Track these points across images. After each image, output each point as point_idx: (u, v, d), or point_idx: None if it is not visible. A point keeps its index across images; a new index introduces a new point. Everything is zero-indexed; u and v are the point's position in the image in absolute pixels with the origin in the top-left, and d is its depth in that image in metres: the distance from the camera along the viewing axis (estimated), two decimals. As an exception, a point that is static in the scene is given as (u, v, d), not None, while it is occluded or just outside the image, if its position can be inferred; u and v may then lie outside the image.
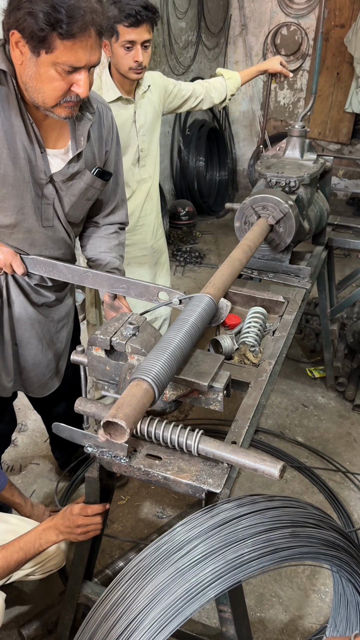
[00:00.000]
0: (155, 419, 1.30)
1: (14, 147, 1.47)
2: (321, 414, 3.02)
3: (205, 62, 6.15)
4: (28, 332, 1.85)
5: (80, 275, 1.70)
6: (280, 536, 1.18)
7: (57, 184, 1.60)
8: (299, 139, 2.30)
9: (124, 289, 1.68)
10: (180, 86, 2.55)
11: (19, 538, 1.51)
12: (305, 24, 6.13)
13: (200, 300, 1.46)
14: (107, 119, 1.69)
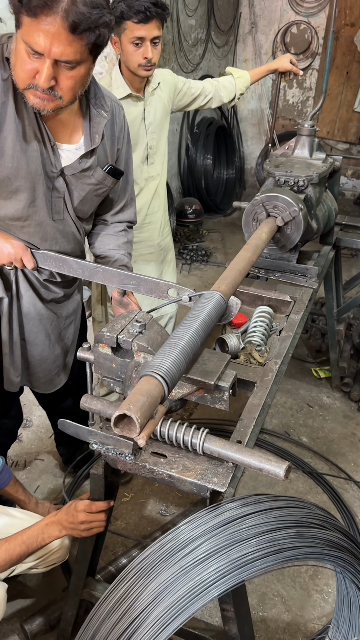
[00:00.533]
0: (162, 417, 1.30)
1: (25, 139, 1.48)
2: (326, 414, 3.01)
3: (215, 59, 6.14)
4: (36, 328, 1.85)
5: (90, 270, 1.70)
6: (284, 536, 1.18)
7: (67, 177, 1.60)
8: (308, 138, 2.29)
9: (133, 285, 1.68)
10: (190, 84, 2.55)
11: (22, 532, 1.52)
12: (315, 23, 6.10)
13: (211, 298, 1.45)
14: (120, 117, 1.70)
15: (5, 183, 1.51)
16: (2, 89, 1.41)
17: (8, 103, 1.42)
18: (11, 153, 1.46)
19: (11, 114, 1.43)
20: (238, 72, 2.68)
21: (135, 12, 2.02)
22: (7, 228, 1.63)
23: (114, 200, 1.83)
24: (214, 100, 2.65)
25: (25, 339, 1.87)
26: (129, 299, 1.80)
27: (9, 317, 1.79)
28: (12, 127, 1.44)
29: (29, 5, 1.21)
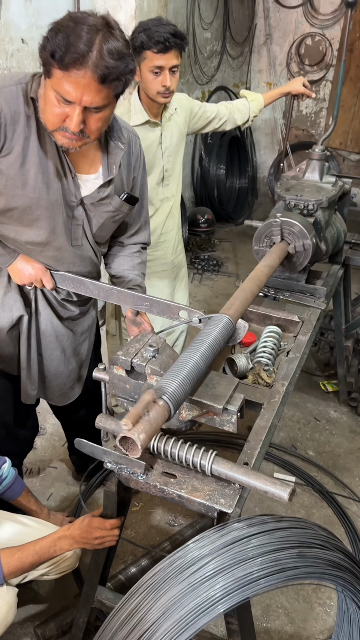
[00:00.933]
0: (172, 437, 1.37)
1: (47, 171, 1.56)
2: (333, 429, 3.07)
3: (229, 71, 6.21)
4: (52, 344, 1.94)
5: (106, 292, 1.79)
6: (287, 556, 1.25)
7: (86, 206, 1.69)
8: (318, 162, 2.35)
9: (146, 306, 1.76)
10: (205, 107, 2.63)
11: (35, 542, 1.58)
12: (330, 35, 6.16)
13: (219, 321, 1.53)
14: (136, 147, 1.78)
15: (27, 212, 1.59)
16: (26, 124, 1.50)
17: (31, 137, 1.51)
18: (33, 184, 1.54)
19: (34, 147, 1.51)
20: (252, 95, 2.75)
21: (155, 42, 2.10)
22: (28, 252, 1.71)
23: (130, 224, 1.91)
24: (228, 123, 2.72)
25: (42, 354, 1.95)
26: (142, 319, 1.88)
27: (28, 333, 1.88)
28: (35, 160, 1.52)
29: (61, 60, 1.30)
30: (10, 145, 1.49)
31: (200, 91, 5.56)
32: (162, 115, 2.39)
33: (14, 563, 1.50)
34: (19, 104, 1.48)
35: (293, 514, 2.50)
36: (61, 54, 1.30)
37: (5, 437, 2.11)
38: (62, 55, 1.30)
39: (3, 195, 1.56)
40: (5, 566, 1.48)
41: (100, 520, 1.55)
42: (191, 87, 5.31)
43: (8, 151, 1.50)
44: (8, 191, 1.55)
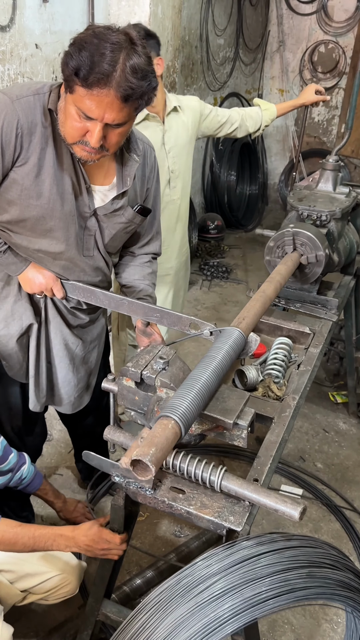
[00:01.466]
0: (181, 452, 1.35)
1: (62, 183, 1.56)
2: (342, 441, 3.03)
3: (242, 77, 6.21)
4: (61, 352, 1.93)
5: (116, 302, 1.78)
6: (296, 576, 1.22)
7: (99, 217, 1.68)
8: (332, 172, 2.33)
9: (157, 317, 1.74)
10: (217, 112, 2.62)
11: (37, 527, 1.55)
12: (343, 42, 6.14)
13: (230, 335, 1.51)
14: (151, 159, 1.77)
15: (40, 222, 1.58)
16: (43, 135, 1.49)
17: (47, 149, 1.50)
18: (48, 195, 1.54)
19: (50, 158, 1.51)
20: (265, 104, 2.74)
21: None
22: (39, 260, 1.70)
23: (141, 234, 1.90)
24: (240, 130, 2.71)
25: (51, 362, 1.94)
26: (152, 329, 1.86)
27: (37, 341, 1.87)
28: (50, 171, 1.52)
29: (85, 79, 1.31)
30: (26, 156, 1.49)
31: (213, 97, 5.55)
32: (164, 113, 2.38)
33: (9, 535, 1.48)
34: (36, 114, 1.48)
35: (301, 527, 2.47)
36: (85, 73, 1.30)
37: (13, 443, 2.10)
38: (86, 74, 1.30)
39: (17, 205, 1.55)
40: (1, 533, 1.47)
41: (111, 534, 1.53)
42: (203, 93, 5.31)
43: (24, 161, 1.50)
44: (22, 201, 1.54)
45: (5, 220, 1.60)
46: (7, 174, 1.51)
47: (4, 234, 1.65)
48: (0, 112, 1.44)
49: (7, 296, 1.80)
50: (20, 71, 2.83)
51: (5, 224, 1.62)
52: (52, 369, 1.96)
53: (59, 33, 3.01)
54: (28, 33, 2.81)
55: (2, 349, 1.86)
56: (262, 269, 1.97)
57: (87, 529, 1.57)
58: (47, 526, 1.58)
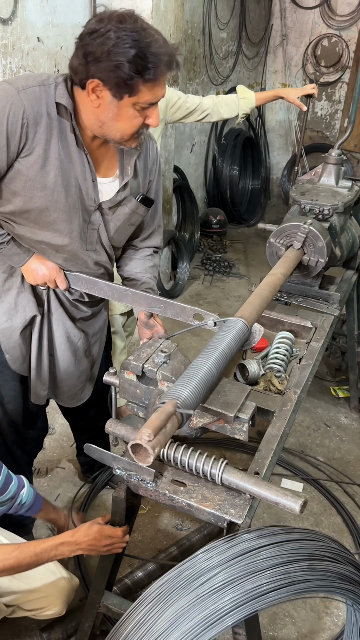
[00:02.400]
0: (182, 445, 1.35)
1: (67, 175, 1.56)
2: (343, 435, 3.04)
3: (244, 71, 6.18)
4: (64, 345, 1.93)
5: (120, 293, 1.77)
6: (297, 569, 1.22)
7: (104, 210, 1.69)
8: (334, 166, 2.33)
9: (160, 308, 1.74)
10: (187, 99, 2.64)
11: (37, 543, 1.53)
12: (347, 36, 6.10)
13: (234, 325, 1.51)
14: (152, 151, 1.78)
15: (44, 214, 1.58)
16: (48, 127, 1.49)
17: (52, 140, 1.50)
18: (52, 187, 1.54)
19: (55, 150, 1.51)
20: (244, 92, 2.75)
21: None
22: (42, 251, 1.70)
23: (143, 227, 1.90)
24: (213, 116, 2.75)
25: (53, 354, 1.95)
26: (155, 321, 1.86)
27: (39, 333, 1.87)
28: (56, 163, 1.52)
29: (155, 77, 1.39)
30: (31, 146, 1.49)
31: (215, 92, 5.53)
32: None
33: (10, 562, 1.47)
34: (42, 105, 1.48)
35: (301, 521, 2.47)
36: (153, 71, 1.37)
37: (15, 437, 2.11)
38: (154, 71, 1.38)
39: (21, 196, 1.55)
40: (1, 563, 1.45)
41: (112, 529, 1.53)
42: (206, 87, 5.29)
43: (29, 152, 1.49)
44: (27, 192, 1.54)
45: (9, 211, 1.60)
46: (12, 165, 1.51)
47: (7, 225, 1.65)
48: (6, 102, 1.44)
49: (10, 288, 1.80)
50: (22, 64, 2.82)
51: (9, 215, 1.62)
52: (54, 361, 1.96)
53: (60, 26, 3.00)
54: (30, 26, 2.80)
55: (5, 342, 1.86)
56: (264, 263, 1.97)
57: (87, 529, 1.56)
58: (46, 539, 1.56)
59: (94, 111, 1.48)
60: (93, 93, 1.43)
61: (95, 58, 1.37)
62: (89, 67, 1.39)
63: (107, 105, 1.44)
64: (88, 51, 1.38)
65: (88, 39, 1.38)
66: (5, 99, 1.44)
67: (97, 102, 1.45)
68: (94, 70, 1.38)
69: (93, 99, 1.44)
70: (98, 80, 1.39)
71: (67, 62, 1.48)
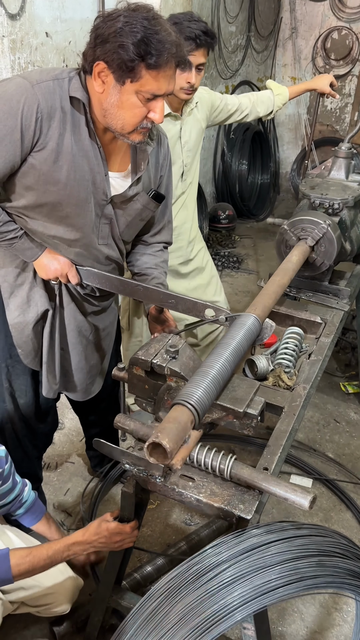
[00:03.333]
0: (191, 441, 1.35)
1: (80, 169, 1.56)
2: (353, 431, 3.02)
3: (254, 65, 6.14)
4: (75, 339, 1.94)
5: (131, 288, 1.78)
6: (306, 565, 1.22)
7: (116, 205, 1.69)
8: (345, 160, 2.31)
9: (172, 303, 1.74)
10: (227, 100, 2.59)
11: (49, 546, 1.55)
12: (357, 29, 6.04)
13: (246, 320, 1.51)
14: (164, 146, 1.78)
15: (57, 208, 1.59)
16: (62, 121, 1.49)
17: (65, 134, 1.50)
18: (65, 182, 1.54)
19: (68, 144, 1.51)
20: (278, 88, 2.71)
21: (185, 37, 2.06)
22: (55, 246, 1.71)
23: (153, 223, 1.91)
24: (250, 116, 2.69)
25: (65, 348, 1.96)
26: (166, 316, 1.86)
27: (51, 327, 1.89)
28: (69, 158, 1.52)
29: (157, 63, 1.37)
30: (45, 141, 1.49)
31: (224, 86, 5.50)
32: (183, 110, 2.36)
33: (25, 566, 1.48)
34: (55, 99, 1.48)
35: (311, 517, 2.47)
36: (156, 57, 1.36)
37: (25, 431, 2.13)
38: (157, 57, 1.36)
39: (34, 190, 1.55)
40: (16, 568, 1.46)
41: (121, 526, 1.54)
42: (215, 82, 5.26)
43: (42, 146, 1.49)
44: (40, 187, 1.54)
45: (22, 205, 1.60)
46: (26, 159, 1.51)
47: (20, 220, 1.66)
48: (21, 96, 1.44)
49: (22, 283, 1.81)
50: (30, 60, 2.82)
51: (22, 210, 1.62)
52: (66, 355, 1.98)
53: (69, 21, 2.99)
54: (38, 21, 2.80)
55: (17, 336, 1.88)
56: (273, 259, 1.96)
57: (96, 527, 1.57)
58: (58, 540, 1.58)
59: (99, 97, 1.48)
60: (99, 77, 1.43)
61: (102, 40, 1.38)
62: (97, 49, 1.40)
63: (111, 90, 1.44)
64: (98, 34, 1.40)
65: (100, 23, 1.41)
66: (19, 93, 1.45)
67: (101, 88, 1.45)
68: (100, 52, 1.39)
69: (98, 84, 1.45)
70: (103, 64, 1.40)
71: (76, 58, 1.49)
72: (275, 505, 2.49)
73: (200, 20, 2.13)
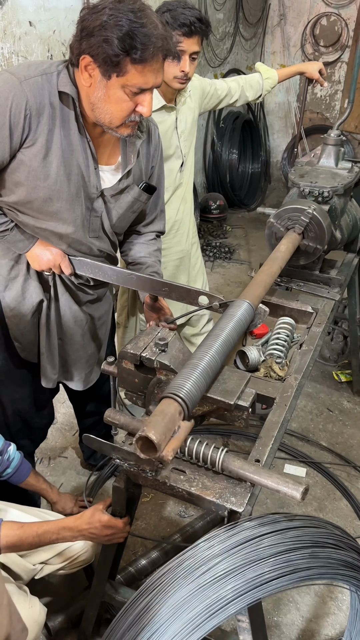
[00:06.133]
0: (182, 434, 1.34)
1: (69, 164, 1.54)
2: (346, 419, 3.02)
3: (242, 53, 6.08)
4: (72, 329, 1.95)
5: (124, 277, 1.77)
6: (299, 556, 1.22)
7: (106, 198, 1.68)
8: (334, 147, 2.28)
9: (165, 291, 1.74)
10: (216, 85, 2.56)
11: (40, 525, 1.55)
12: (345, 15, 5.99)
13: (239, 307, 1.50)
14: (155, 137, 1.76)
15: (47, 203, 1.58)
16: (51, 117, 1.48)
17: (54, 130, 1.49)
18: (55, 177, 1.53)
19: (57, 139, 1.50)
20: (267, 72, 2.67)
21: (179, 24, 2.03)
22: (46, 238, 1.70)
23: (146, 213, 1.90)
24: (239, 100, 2.67)
25: (62, 338, 1.97)
26: (161, 304, 1.86)
27: (47, 319, 1.89)
28: (58, 153, 1.51)
29: (142, 58, 1.34)
30: (34, 137, 1.48)
31: (213, 74, 5.45)
32: (177, 99, 2.33)
33: (12, 539, 1.47)
34: (44, 95, 1.46)
35: (305, 506, 2.47)
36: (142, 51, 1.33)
37: (20, 424, 2.12)
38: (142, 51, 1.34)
39: (24, 186, 1.54)
40: (5, 539, 1.45)
41: (114, 520, 1.53)
42: (203, 70, 5.20)
43: (32, 142, 1.48)
44: (30, 183, 1.53)
45: (13, 201, 1.59)
46: (15, 155, 1.50)
47: (11, 213, 1.65)
48: (9, 93, 1.43)
49: (16, 276, 1.81)
50: (14, 50, 2.77)
51: (13, 205, 1.61)
52: (64, 345, 1.98)
53: (53, 10, 2.94)
54: (21, 10, 2.75)
55: (14, 329, 1.88)
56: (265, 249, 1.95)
57: (89, 516, 1.56)
58: (50, 521, 1.58)
59: (87, 91, 1.46)
60: (85, 71, 1.41)
61: (88, 33, 1.36)
62: (82, 43, 1.38)
63: (97, 84, 1.42)
64: (83, 26, 1.38)
65: (86, 15, 1.38)
66: (7, 89, 1.43)
67: (88, 81, 1.43)
68: (86, 46, 1.37)
69: (85, 78, 1.43)
70: (89, 57, 1.38)
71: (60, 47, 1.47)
72: (270, 496, 2.49)
73: (194, 8, 2.10)
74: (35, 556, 1.75)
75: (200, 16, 2.08)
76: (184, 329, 2.86)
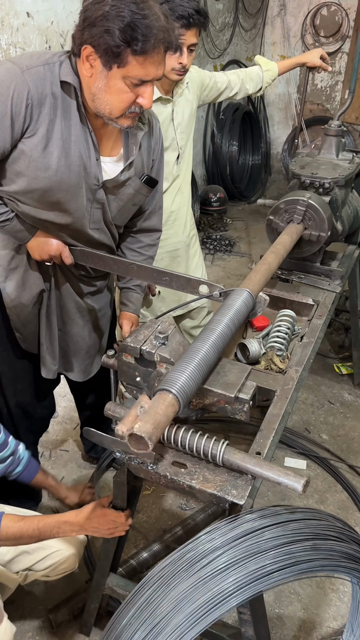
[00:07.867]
0: (182, 427, 1.33)
1: (71, 155, 1.53)
2: (347, 412, 3.02)
3: (242, 44, 6.04)
4: (72, 320, 1.95)
5: (125, 267, 1.76)
6: (301, 549, 1.22)
7: (108, 189, 1.67)
8: (335, 138, 2.27)
9: (166, 281, 1.73)
10: (216, 78, 2.54)
11: (40, 518, 1.55)
12: (346, 4, 5.94)
13: (239, 295, 1.49)
14: (156, 130, 1.75)
15: (48, 194, 1.57)
16: (52, 107, 1.47)
17: (56, 120, 1.48)
18: (56, 167, 1.52)
19: (58, 130, 1.49)
20: (267, 64, 2.65)
21: (178, 16, 2.02)
22: (46, 229, 1.70)
23: (143, 208, 1.89)
24: (239, 93, 2.64)
25: (62, 329, 1.97)
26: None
27: (47, 309, 1.88)
28: (59, 143, 1.50)
29: (143, 49, 1.33)
30: (35, 127, 1.47)
31: (212, 65, 5.41)
32: (174, 91, 2.31)
33: (13, 530, 1.48)
34: (46, 85, 1.45)
35: (306, 499, 2.47)
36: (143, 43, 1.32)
37: (21, 415, 2.13)
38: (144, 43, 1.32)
39: (25, 176, 1.53)
40: (5, 530, 1.46)
41: (115, 514, 1.53)
42: (203, 61, 5.17)
43: (33, 132, 1.47)
44: (30, 173, 1.52)
45: (13, 190, 1.58)
46: (16, 145, 1.49)
47: (12, 203, 1.64)
48: (10, 82, 1.42)
49: (17, 266, 1.80)
50: (12, 41, 2.75)
51: (13, 194, 1.60)
52: (64, 336, 1.98)
53: (50, 1, 2.91)
54: (19, 1, 2.72)
55: (15, 319, 1.88)
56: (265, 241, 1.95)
57: (90, 511, 1.56)
58: (50, 515, 1.57)
59: (88, 82, 1.45)
60: (87, 61, 1.40)
61: (89, 23, 1.35)
62: (84, 33, 1.37)
63: (98, 75, 1.41)
64: (86, 16, 1.36)
65: (89, 4, 1.37)
66: (9, 79, 1.42)
67: (90, 72, 1.42)
68: (87, 36, 1.36)
69: (87, 68, 1.42)
70: (90, 48, 1.37)
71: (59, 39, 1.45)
72: (271, 488, 2.49)
73: None
74: (18, 563, 1.75)
75: (199, 8, 2.07)
76: (183, 321, 2.86)
